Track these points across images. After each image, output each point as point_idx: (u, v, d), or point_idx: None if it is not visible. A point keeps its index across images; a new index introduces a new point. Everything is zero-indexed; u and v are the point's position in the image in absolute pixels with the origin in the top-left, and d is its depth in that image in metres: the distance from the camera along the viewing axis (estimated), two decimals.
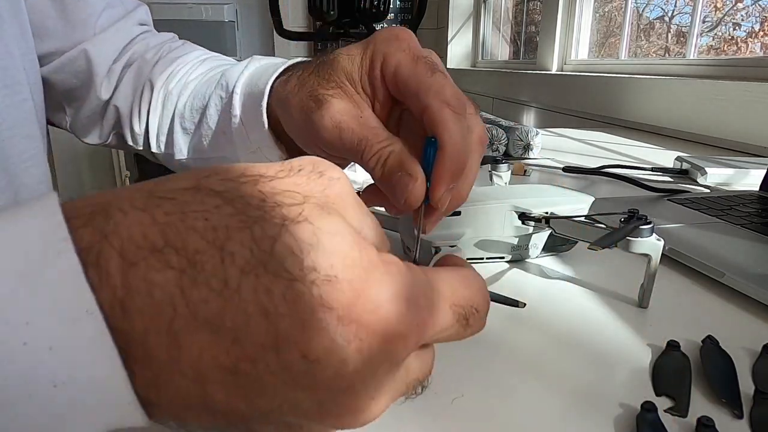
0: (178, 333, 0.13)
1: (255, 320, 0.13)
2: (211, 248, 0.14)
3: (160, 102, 0.46)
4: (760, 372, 0.27)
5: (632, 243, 0.33)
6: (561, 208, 0.39)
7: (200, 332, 0.13)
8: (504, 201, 0.39)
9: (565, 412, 0.24)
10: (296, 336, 0.13)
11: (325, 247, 0.14)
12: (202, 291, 0.13)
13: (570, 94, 1.67)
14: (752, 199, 0.57)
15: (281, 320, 0.13)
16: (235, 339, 0.13)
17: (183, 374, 0.14)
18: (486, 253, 0.41)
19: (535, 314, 0.33)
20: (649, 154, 0.94)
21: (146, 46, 0.49)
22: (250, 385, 0.14)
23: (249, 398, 0.14)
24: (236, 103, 0.38)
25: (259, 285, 0.13)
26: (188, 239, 0.14)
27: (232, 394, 0.14)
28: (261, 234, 0.14)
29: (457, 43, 2.97)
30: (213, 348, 0.13)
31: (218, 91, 0.41)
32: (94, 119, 0.51)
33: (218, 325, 0.13)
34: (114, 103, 0.48)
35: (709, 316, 0.34)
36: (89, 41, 0.46)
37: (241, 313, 0.13)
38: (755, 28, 1.45)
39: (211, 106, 0.41)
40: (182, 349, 0.13)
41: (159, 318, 0.13)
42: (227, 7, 2.86)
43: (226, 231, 0.14)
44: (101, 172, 3.13)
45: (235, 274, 0.13)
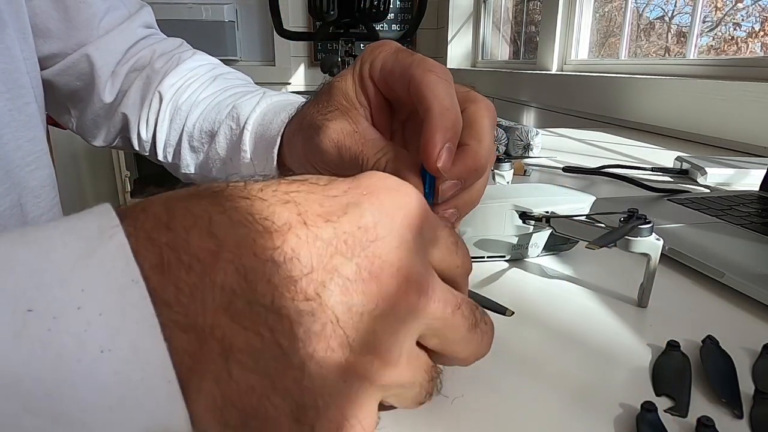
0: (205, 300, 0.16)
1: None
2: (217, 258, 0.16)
3: (169, 114, 0.47)
4: (760, 372, 0.27)
5: (631, 242, 0.33)
6: (562, 207, 0.39)
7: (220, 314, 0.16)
8: (505, 200, 0.39)
9: (565, 412, 0.24)
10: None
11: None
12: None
13: (570, 94, 1.67)
14: (752, 199, 0.57)
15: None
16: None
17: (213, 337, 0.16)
18: (486, 252, 0.41)
19: (535, 314, 0.33)
20: (649, 154, 0.94)
21: (153, 53, 0.49)
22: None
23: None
24: (246, 140, 0.40)
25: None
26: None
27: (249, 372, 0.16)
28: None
29: (457, 44, 2.97)
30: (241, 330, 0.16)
31: (228, 121, 0.42)
32: (99, 122, 0.51)
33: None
34: (122, 110, 0.48)
35: (709, 316, 0.34)
36: (92, 44, 0.46)
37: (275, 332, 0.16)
38: (755, 28, 1.45)
39: (221, 134, 0.42)
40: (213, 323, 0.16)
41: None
42: (227, 7, 2.86)
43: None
44: (101, 172, 3.13)
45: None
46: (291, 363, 0.16)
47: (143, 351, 0.15)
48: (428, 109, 0.25)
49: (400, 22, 3.07)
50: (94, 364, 0.14)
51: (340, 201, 0.18)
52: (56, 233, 0.15)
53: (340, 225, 0.17)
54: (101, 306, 0.14)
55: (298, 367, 0.16)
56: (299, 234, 0.17)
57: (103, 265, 0.15)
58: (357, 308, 0.17)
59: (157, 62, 0.48)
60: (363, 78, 0.30)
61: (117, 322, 0.14)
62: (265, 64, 3.09)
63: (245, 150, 0.40)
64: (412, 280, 0.18)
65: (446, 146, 0.25)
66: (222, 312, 0.16)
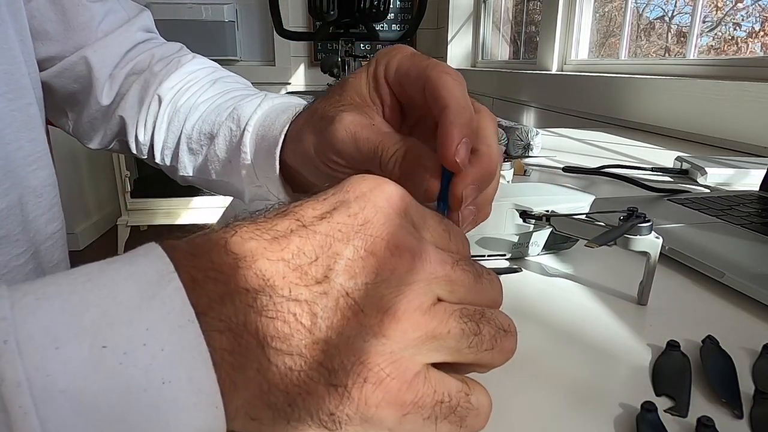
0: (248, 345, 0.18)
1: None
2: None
3: (167, 117, 0.47)
4: (760, 372, 0.27)
5: (631, 240, 0.33)
6: (562, 206, 0.39)
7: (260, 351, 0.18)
8: (505, 199, 0.39)
9: (565, 412, 0.24)
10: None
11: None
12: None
13: (570, 94, 1.67)
14: (752, 199, 0.57)
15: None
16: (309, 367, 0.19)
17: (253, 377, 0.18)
18: (487, 251, 0.41)
19: (535, 313, 0.33)
20: (649, 154, 0.94)
21: (152, 57, 0.49)
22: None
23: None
24: (247, 141, 0.40)
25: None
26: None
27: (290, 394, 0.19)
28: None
29: (457, 44, 2.97)
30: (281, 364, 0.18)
31: (229, 123, 0.42)
32: (95, 125, 0.50)
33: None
34: (119, 113, 0.48)
35: (709, 316, 0.34)
36: (90, 47, 0.46)
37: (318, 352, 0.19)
38: (755, 28, 1.45)
39: (220, 136, 0.42)
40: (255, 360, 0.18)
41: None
42: (227, 7, 2.86)
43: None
44: (101, 172, 3.13)
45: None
46: (316, 337, 0.19)
47: (197, 381, 0.17)
48: (445, 106, 0.26)
49: (400, 22, 3.07)
50: (157, 392, 0.16)
51: (329, 202, 0.21)
52: (120, 277, 0.18)
53: (333, 219, 0.20)
54: (163, 343, 0.17)
55: (323, 339, 0.19)
56: (300, 234, 0.20)
57: (163, 306, 0.17)
58: (361, 280, 0.19)
59: (156, 66, 0.48)
60: (377, 78, 0.30)
61: (176, 356, 0.17)
62: (265, 64, 3.09)
63: (245, 151, 0.40)
64: (404, 248, 0.20)
65: (464, 140, 0.25)
66: (250, 310, 0.18)
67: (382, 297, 0.19)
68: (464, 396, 0.21)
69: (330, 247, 0.20)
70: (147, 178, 3.11)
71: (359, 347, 0.19)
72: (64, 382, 0.15)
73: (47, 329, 0.16)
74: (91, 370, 0.16)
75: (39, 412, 0.15)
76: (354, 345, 0.19)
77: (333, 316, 0.19)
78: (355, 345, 0.19)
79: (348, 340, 0.19)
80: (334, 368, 0.19)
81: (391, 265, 0.20)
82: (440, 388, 0.20)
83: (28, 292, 0.17)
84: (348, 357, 0.19)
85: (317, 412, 0.19)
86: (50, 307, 0.16)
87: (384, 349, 0.19)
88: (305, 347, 0.19)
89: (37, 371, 0.15)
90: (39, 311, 0.16)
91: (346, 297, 0.19)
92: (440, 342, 0.20)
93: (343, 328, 0.19)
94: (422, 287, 0.20)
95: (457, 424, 0.21)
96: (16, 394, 0.15)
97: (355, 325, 0.19)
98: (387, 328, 0.19)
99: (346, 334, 0.19)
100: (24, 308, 0.16)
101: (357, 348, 0.19)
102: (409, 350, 0.20)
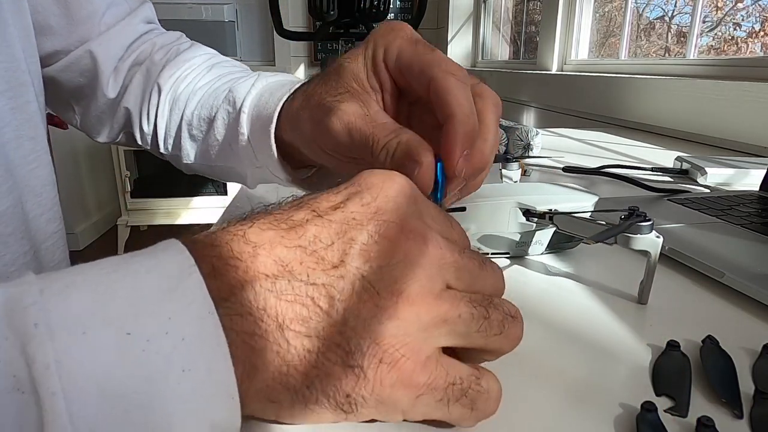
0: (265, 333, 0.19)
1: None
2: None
3: (168, 105, 0.47)
4: (760, 372, 0.27)
5: (632, 239, 0.33)
6: (565, 205, 0.39)
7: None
8: (509, 198, 0.39)
9: (565, 412, 0.24)
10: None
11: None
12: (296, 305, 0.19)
13: (570, 94, 1.67)
14: (752, 199, 0.57)
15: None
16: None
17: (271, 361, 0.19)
18: (490, 249, 0.41)
19: (536, 312, 0.33)
20: (649, 154, 0.94)
21: (153, 46, 0.49)
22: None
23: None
24: (244, 122, 0.39)
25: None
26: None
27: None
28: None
29: (457, 43, 2.97)
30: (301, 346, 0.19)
31: (225, 105, 0.41)
32: (103, 118, 0.51)
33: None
34: (124, 104, 0.48)
35: (709, 316, 0.33)
36: (94, 40, 0.46)
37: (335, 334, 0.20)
38: (755, 28, 1.45)
39: (219, 120, 0.42)
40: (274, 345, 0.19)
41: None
42: (227, 7, 2.86)
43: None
44: (101, 172, 3.13)
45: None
46: (333, 320, 0.19)
47: (216, 372, 0.18)
48: (451, 115, 0.26)
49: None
50: (177, 381, 0.17)
51: (342, 194, 0.22)
52: (143, 269, 0.18)
53: (346, 208, 0.21)
54: (184, 332, 0.17)
55: (340, 321, 0.19)
56: (316, 223, 0.21)
57: (184, 298, 0.18)
58: (376, 263, 0.20)
59: (156, 54, 0.48)
60: (376, 62, 0.30)
61: (196, 347, 0.17)
62: (265, 64, 3.09)
63: (243, 132, 0.39)
64: (416, 233, 0.21)
65: (465, 153, 0.27)
66: (269, 294, 0.19)
67: (396, 280, 0.20)
68: (475, 379, 0.21)
69: (345, 233, 0.21)
70: (147, 178, 3.11)
71: (375, 329, 0.20)
72: (90, 366, 0.16)
73: (75, 315, 0.16)
74: (116, 355, 0.16)
75: (66, 395, 0.15)
76: (370, 327, 0.20)
77: (349, 299, 0.20)
78: (371, 327, 0.20)
79: (364, 322, 0.20)
80: (351, 349, 0.19)
81: (404, 248, 0.21)
82: (452, 371, 0.21)
83: (55, 279, 0.17)
84: (364, 338, 0.19)
85: (334, 394, 0.20)
86: (78, 295, 0.17)
87: (399, 331, 0.20)
88: (323, 329, 0.19)
89: (65, 355, 0.16)
90: (67, 298, 0.17)
91: (362, 280, 0.20)
92: (451, 326, 0.21)
93: (359, 310, 0.20)
94: (434, 272, 0.21)
95: (469, 407, 0.21)
96: (45, 376, 0.15)
97: (371, 307, 0.20)
98: (402, 310, 0.20)
99: (363, 316, 0.20)
100: (53, 294, 0.17)
101: (373, 330, 0.20)
102: (422, 333, 0.20)
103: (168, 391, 0.17)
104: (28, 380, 0.15)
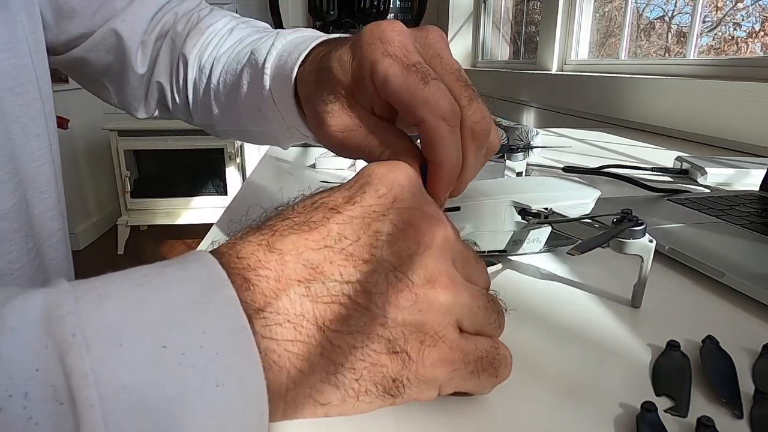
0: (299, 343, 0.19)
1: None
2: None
3: (194, 75, 0.47)
4: (760, 372, 0.27)
5: (624, 244, 0.32)
6: (563, 203, 0.39)
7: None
8: (504, 196, 0.39)
9: (565, 412, 0.24)
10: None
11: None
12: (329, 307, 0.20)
13: (570, 94, 1.67)
14: (752, 199, 0.57)
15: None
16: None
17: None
18: (485, 248, 0.41)
19: (534, 313, 0.33)
20: (649, 154, 0.94)
21: (175, 16, 0.49)
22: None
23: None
24: (267, 84, 0.38)
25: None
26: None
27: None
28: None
29: (457, 43, 2.97)
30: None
31: (248, 69, 0.41)
32: (137, 94, 0.51)
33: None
34: (156, 78, 0.49)
35: (709, 316, 0.33)
36: (117, 17, 0.46)
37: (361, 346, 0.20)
38: (755, 28, 1.45)
39: (243, 85, 0.41)
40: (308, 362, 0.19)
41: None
42: (227, 7, 2.85)
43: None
44: (101, 172, 3.13)
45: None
46: (374, 314, 0.20)
47: (247, 387, 0.18)
48: (438, 163, 0.26)
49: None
50: (211, 395, 0.17)
51: (354, 188, 0.23)
52: (175, 280, 0.18)
53: (364, 201, 0.22)
54: (217, 347, 0.17)
55: (381, 314, 0.20)
56: (337, 221, 0.21)
57: (217, 311, 0.18)
58: (405, 252, 0.21)
59: (179, 24, 0.48)
60: (362, 78, 0.27)
61: (230, 361, 0.17)
62: None
63: (267, 94, 0.39)
64: (434, 217, 0.22)
65: (447, 194, 0.28)
66: (305, 299, 0.19)
67: (427, 266, 0.21)
68: (495, 350, 0.23)
69: (369, 226, 0.21)
70: (147, 178, 3.11)
71: (415, 316, 0.20)
72: (126, 377, 0.16)
73: (111, 326, 0.16)
74: (152, 368, 0.16)
75: (103, 406, 0.15)
76: (410, 315, 0.20)
77: (386, 291, 0.20)
78: (411, 314, 0.20)
79: (404, 311, 0.20)
80: (394, 338, 0.20)
81: (428, 234, 0.21)
82: (479, 345, 0.23)
83: (89, 289, 0.17)
84: (406, 326, 0.20)
85: (382, 381, 0.20)
86: (113, 305, 0.17)
87: (436, 316, 0.21)
88: (365, 324, 0.20)
89: (102, 365, 0.16)
90: (102, 308, 0.17)
91: (394, 271, 0.20)
92: (473, 314, 0.22)
93: (397, 300, 0.20)
94: (451, 260, 0.22)
95: (494, 374, 0.23)
96: (83, 387, 0.15)
97: (408, 296, 0.20)
98: (437, 296, 0.21)
99: (401, 305, 0.20)
100: (88, 304, 0.17)
101: (413, 317, 0.20)
102: (453, 316, 0.22)
103: (200, 405, 0.17)
104: (66, 390, 0.15)
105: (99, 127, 2.90)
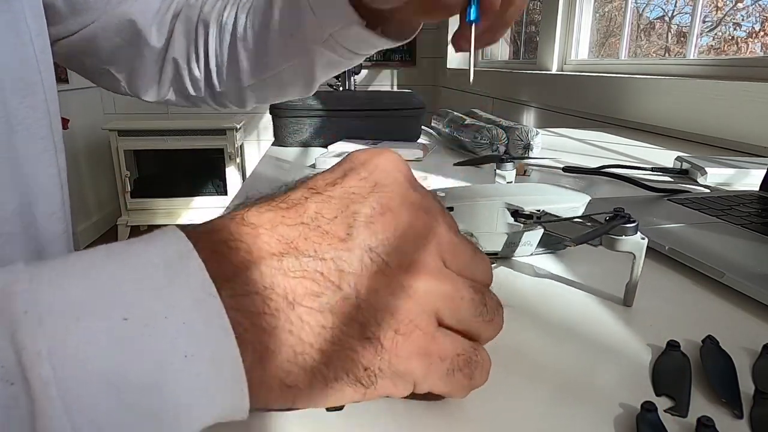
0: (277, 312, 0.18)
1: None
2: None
3: (216, 37, 0.47)
4: (760, 372, 0.27)
5: (616, 241, 0.33)
6: (556, 206, 0.39)
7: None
8: (497, 198, 0.39)
9: (565, 412, 0.24)
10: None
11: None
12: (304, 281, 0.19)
13: (570, 94, 1.67)
14: (752, 199, 0.57)
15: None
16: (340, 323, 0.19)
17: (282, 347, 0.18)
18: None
19: (533, 314, 0.33)
20: (649, 154, 0.94)
21: None
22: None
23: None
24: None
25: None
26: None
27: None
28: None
29: None
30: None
31: (278, 1, 0.41)
32: (151, 74, 0.51)
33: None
34: (171, 55, 0.49)
35: (709, 316, 0.33)
36: (125, 2, 0.47)
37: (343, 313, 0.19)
38: (755, 28, 1.45)
39: (275, 14, 0.42)
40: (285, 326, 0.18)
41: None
42: None
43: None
44: (101, 172, 3.13)
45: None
46: (346, 293, 0.19)
47: (221, 357, 0.17)
48: None
49: None
50: (181, 366, 0.16)
51: (338, 172, 0.23)
52: (138, 254, 0.18)
53: (345, 183, 0.21)
54: (184, 316, 0.17)
55: (353, 294, 0.19)
56: (316, 200, 0.21)
57: (183, 281, 0.17)
58: (382, 235, 0.20)
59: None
60: None
61: (198, 330, 0.17)
62: None
63: (304, 3, 0.39)
64: (417, 205, 0.22)
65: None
66: (276, 272, 0.19)
67: (405, 253, 0.20)
68: (473, 350, 0.22)
69: (347, 207, 0.21)
70: (147, 178, 3.11)
71: (389, 301, 0.20)
72: (85, 353, 0.15)
73: (68, 302, 0.16)
74: (114, 341, 0.16)
75: (60, 383, 0.15)
76: (384, 299, 0.20)
77: (360, 272, 0.20)
78: (385, 299, 0.20)
79: (377, 294, 0.20)
80: (367, 321, 0.19)
81: (408, 219, 0.21)
82: (456, 341, 0.22)
83: (46, 266, 0.17)
84: (379, 310, 0.19)
85: (352, 368, 0.19)
86: (70, 282, 0.16)
87: (412, 304, 0.20)
88: (336, 303, 0.19)
89: (57, 341, 0.15)
90: (59, 285, 0.16)
91: (369, 252, 0.20)
92: (455, 305, 0.21)
93: (371, 282, 0.20)
94: (436, 247, 0.21)
95: (468, 377, 0.22)
96: (35, 364, 0.14)
97: (382, 279, 0.20)
98: (414, 283, 0.20)
99: (375, 288, 0.20)
100: (43, 282, 0.16)
101: (387, 302, 0.20)
102: (431, 306, 0.21)
103: (171, 376, 0.16)
104: (18, 369, 0.14)
105: (99, 127, 2.91)
